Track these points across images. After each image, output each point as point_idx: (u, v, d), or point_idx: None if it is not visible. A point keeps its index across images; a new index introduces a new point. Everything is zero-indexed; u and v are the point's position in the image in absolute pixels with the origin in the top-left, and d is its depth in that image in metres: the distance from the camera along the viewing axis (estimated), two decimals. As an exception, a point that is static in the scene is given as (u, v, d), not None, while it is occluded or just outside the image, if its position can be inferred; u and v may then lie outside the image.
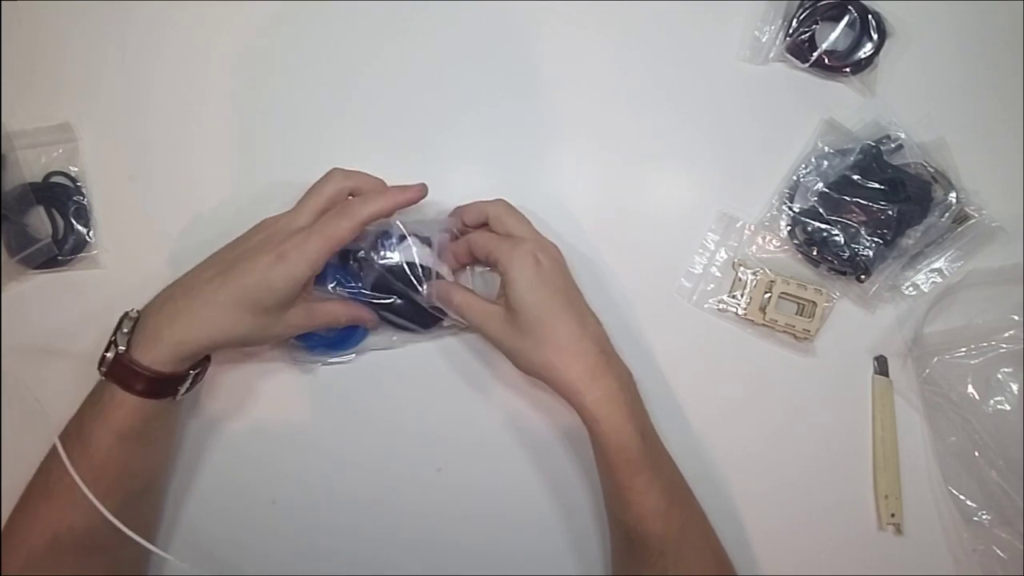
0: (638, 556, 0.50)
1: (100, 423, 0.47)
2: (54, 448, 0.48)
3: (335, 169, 0.53)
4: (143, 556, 0.54)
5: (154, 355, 0.47)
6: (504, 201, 0.55)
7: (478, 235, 0.54)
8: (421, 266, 0.53)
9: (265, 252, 0.48)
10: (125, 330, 0.47)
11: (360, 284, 0.54)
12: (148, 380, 0.47)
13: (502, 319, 0.51)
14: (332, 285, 0.54)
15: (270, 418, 0.59)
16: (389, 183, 0.54)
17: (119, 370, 0.47)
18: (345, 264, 0.55)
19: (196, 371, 0.50)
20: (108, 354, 0.47)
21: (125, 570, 0.52)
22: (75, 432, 0.48)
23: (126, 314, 0.49)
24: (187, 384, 0.50)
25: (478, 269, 0.58)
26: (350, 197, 0.52)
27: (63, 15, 0.61)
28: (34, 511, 0.48)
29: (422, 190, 0.52)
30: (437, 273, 0.54)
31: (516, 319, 0.50)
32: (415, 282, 0.53)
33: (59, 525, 0.47)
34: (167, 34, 0.61)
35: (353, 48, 0.62)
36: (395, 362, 0.59)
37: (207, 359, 0.52)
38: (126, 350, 0.47)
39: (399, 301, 0.54)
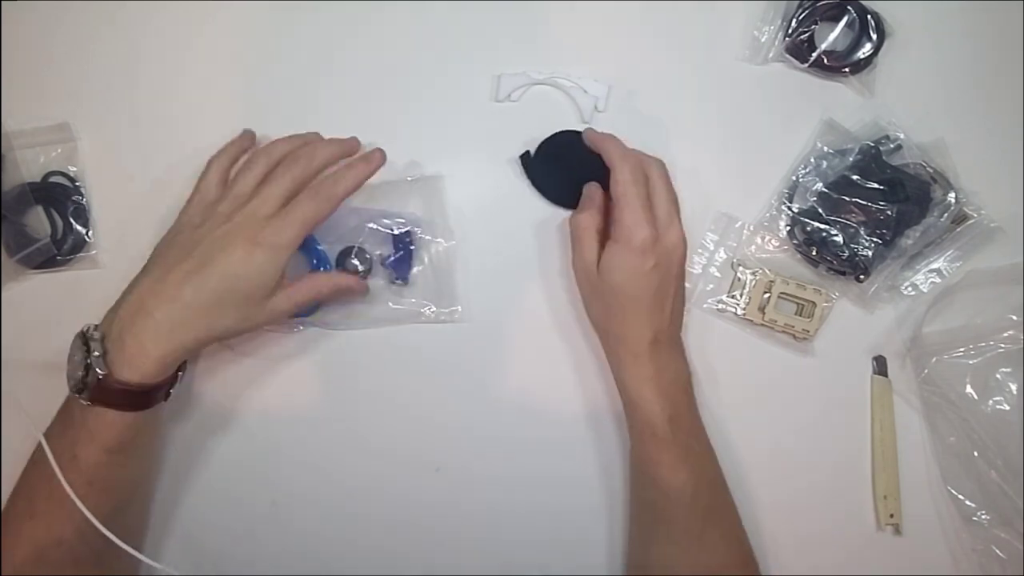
0: (661, 533, 0.51)
1: (88, 443, 0.45)
2: (34, 467, 0.47)
3: (300, 151, 0.51)
4: (132, 568, 0.51)
5: (143, 371, 0.45)
6: (665, 167, 0.53)
7: (630, 171, 0.51)
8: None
9: (239, 242, 0.45)
10: (97, 353, 0.44)
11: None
12: (137, 395, 0.45)
13: (591, 269, 0.52)
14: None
15: (269, 420, 0.59)
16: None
17: (105, 393, 0.44)
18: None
19: (181, 371, 0.50)
20: (88, 379, 0.44)
21: None
22: (59, 453, 0.45)
23: (87, 335, 0.45)
24: (175, 386, 0.49)
25: None
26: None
27: (63, 15, 0.61)
28: (17, 530, 0.46)
29: (382, 156, 0.51)
30: None
31: (597, 279, 0.51)
32: None
33: (46, 541, 0.45)
34: (166, 34, 0.61)
35: (354, 45, 0.61)
36: (395, 361, 0.59)
37: None
38: (108, 372, 0.44)
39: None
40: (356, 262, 0.56)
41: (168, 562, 0.55)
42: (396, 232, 0.56)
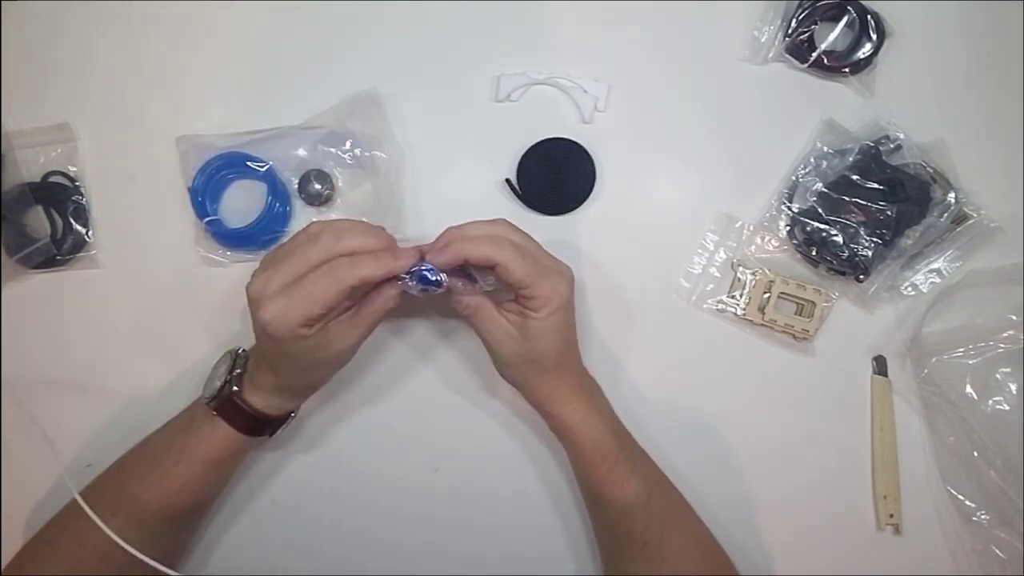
0: (624, 553, 0.51)
1: (190, 451, 0.50)
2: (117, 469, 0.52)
3: (324, 229, 0.45)
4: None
5: (265, 401, 0.50)
6: (507, 225, 0.48)
7: (514, 255, 0.46)
8: None
9: (257, 327, 0.45)
10: (238, 371, 0.50)
11: None
12: (253, 419, 0.50)
13: (517, 341, 0.49)
14: None
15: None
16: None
17: (229, 407, 0.50)
18: None
19: (293, 414, 0.54)
20: (224, 391, 0.50)
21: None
22: (162, 454, 0.50)
23: (236, 354, 0.51)
24: (283, 427, 0.54)
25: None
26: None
27: (62, 15, 0.61)
28: (84, 530, 0.48)
29: (415, 255, 0.46)
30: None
31: (528, 347, 0.49)
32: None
33: (112, 544, 0.47)
34: (167, 34, 0.61)
35: (354, 45, 0.61)
36: (394, 363, 0.59)
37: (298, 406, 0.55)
38: (239, 390, 0.50)
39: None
40: (317, 186, 0.57)
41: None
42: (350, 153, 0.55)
